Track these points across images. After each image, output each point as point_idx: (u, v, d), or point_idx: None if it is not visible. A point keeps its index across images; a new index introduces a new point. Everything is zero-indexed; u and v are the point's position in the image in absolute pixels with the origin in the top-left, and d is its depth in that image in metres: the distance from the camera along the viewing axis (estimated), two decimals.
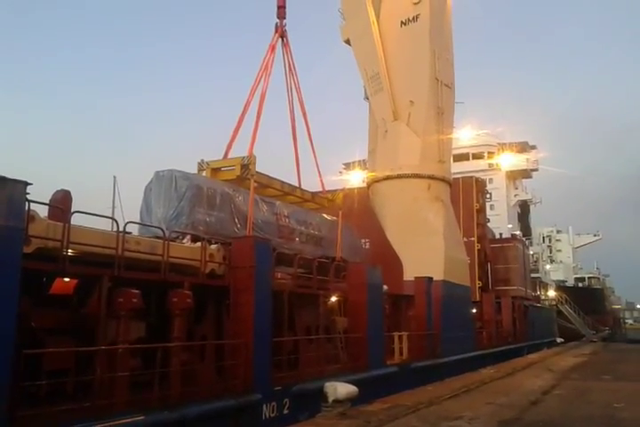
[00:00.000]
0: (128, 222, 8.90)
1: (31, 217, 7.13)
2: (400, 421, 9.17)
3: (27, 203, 6.82)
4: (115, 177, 15.17)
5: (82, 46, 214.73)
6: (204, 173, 15.55)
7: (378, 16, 24.31)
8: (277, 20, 19.99)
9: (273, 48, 19.52)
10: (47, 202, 8.24)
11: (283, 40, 20.02)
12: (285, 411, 10.98)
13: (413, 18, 23.55)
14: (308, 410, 11.00)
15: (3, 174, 6.49)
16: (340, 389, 10.65)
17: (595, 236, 76.36)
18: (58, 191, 8.73)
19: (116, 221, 8.41)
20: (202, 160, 15.88)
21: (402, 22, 23.86)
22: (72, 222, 7.81)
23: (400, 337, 17.32)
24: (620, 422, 9.67)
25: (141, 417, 7.70)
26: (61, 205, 8.38)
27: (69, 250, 7.71)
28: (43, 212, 7.97)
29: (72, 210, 8.12)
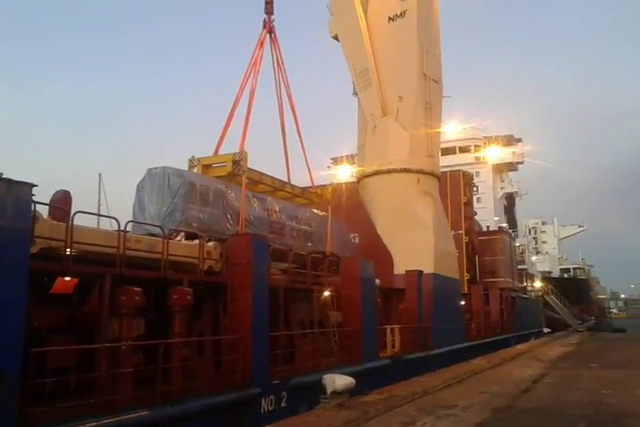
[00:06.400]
0: (129, 222, 9.03)
1: (35, 218, 7.24)
2: (398, 410, 9.43)
3: (32, 204, 6.94)
4: (100, 174, 15.24)
5: (75, 33, 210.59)
6: (194, 170, 15.62)
7: (365, 12, 24.42)
8: (265, 16, 20.08)
9: (261, 44, 19.59)
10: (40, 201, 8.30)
11: (271, 35, 20.11)
12: (283, 404, 11.18)
13: (401, 13, 23.71)
14: (307, 402, 11.23)
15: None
16: (339, 381, 10.89)
17: (579, 227, 77.37)
18: (58, 191, 8.83)
19: (118, 221, 8.53)
20: (192, 157, 15.92)
21: (389, 18, 24.01)
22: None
23: (392, 330, 17.59)
24: (608, 406, 10.03)
25: (146, 412, 7.88)
26: (61, 205, 8.49)
27: (72, 249, 7.83)
28: (43, 212, 8.09)
29: (72, 210, 8.25)
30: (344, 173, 43.46)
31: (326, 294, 14.54)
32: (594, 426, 8.63)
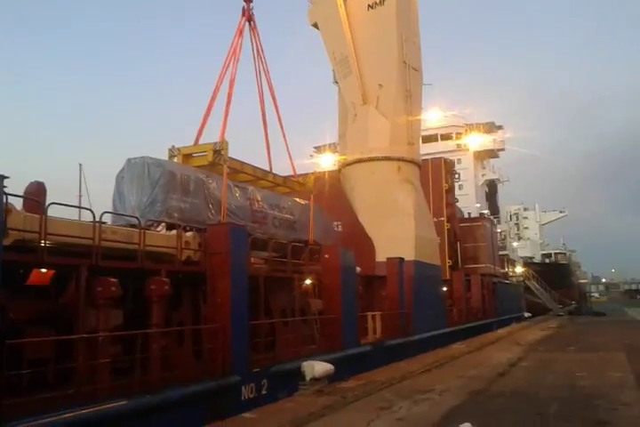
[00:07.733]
0: (105, 212, 9.00)
1: (8, 210, 7.20)
2: (375, 395, 9.59)
3: (4, 196, 6.89)
4: (80, 165, 15.10)
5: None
6: (175, 160, 15.52)
7: None
8: (244, 3, 19.90)
9: (240, 32, 19.40)
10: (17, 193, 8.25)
11: (250, 23, 19.95)
12: (264, 391, 11.29)
13: (380, 1, 23.57)
14: (287, 389, 11.35)
15: None
16: (318, 367, 11.03)
17: (560, 212, 78.12)
18: (32, 183, 8.76)
19: (93, 212, 8.50)
20: (173, 146, 15.80)
21: (369, 6, 23.88)
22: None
23: (373, 317, 17.77)
24: (581, 389, 10.28)
25: (124, 402, 7.92)
26: (35, 196, 8.44)
27: (47, 241, 7.80)
28: (17, 203, 8.03)
29: (46, 201, 8.20)
30: (327, 162, 43.36)
31: (307, 282, 14.64)
32: (566, 408, 8.85)
